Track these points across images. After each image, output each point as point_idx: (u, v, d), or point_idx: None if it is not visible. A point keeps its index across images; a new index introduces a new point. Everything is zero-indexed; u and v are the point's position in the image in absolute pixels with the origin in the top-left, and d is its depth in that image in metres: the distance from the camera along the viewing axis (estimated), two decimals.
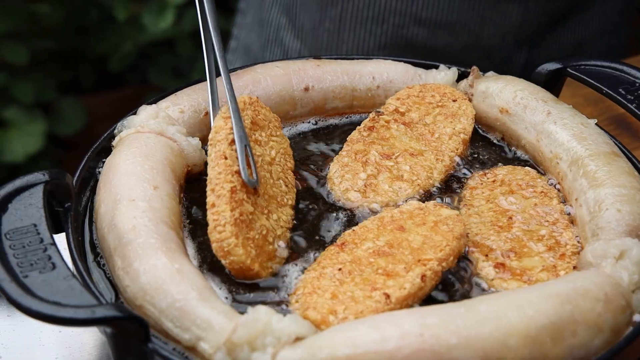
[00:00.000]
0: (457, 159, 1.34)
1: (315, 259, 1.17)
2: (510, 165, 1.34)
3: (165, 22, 3.03)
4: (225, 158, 1.14)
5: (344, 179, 1.28)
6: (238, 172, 1.14)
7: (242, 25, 2.22)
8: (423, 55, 1.76)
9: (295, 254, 1.19)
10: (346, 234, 1.20)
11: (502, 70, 1.46)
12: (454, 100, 1.40)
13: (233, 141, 1.16)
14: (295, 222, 1.23)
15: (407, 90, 1.41)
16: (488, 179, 1.30)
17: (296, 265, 1.17)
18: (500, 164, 1.35)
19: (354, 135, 1.35)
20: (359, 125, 1.37)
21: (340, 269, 1.13)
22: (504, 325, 1.01)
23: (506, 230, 1.21)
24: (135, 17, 3.31)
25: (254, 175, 1.15)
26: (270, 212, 1.19)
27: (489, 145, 1.40)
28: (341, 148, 1.34)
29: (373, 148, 1.32)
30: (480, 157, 1.37)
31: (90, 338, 1.24)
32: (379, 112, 1.38)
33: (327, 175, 1.30)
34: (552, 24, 1.91)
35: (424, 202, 1.25)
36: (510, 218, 1.22)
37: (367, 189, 1.27)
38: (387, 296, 1.09)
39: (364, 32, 1.88)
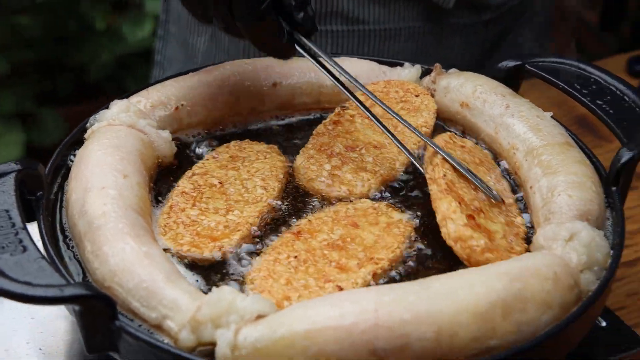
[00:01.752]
0: (419, 150, 1.38)
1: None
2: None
3: (143, 32, 3.08)
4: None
5: (309, 169, 1.32)
6: (184, 193, 1.28)
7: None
8: None
9: (257, 239, 1.24)
10: (302, 222, 1.25)
11: None
12: (417, 96, 1.45)
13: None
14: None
15: (372, 86, 1.46)
16: (456, 142, 1.34)
17: (256, 249, 1.22)
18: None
19: (320, 128, 1.40)
20: (325, 119, 1.42)
21: (296, 257, 1.18)
22: (455, 301, 1.06)
23: (474, 195, 1.25)
24: (113, 27, 3.36)
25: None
26: (231, 211, 1.26)
27: None
28: (307, 140, 1.39)
29: (338, 141, 1.36)
30: None
31: (62, 324, 1.28)
32: (344, 107, 1.43)
33: (293, 166, 1.35)
34: (490, 50, 1.98)
35: (386, 190, 1.30)
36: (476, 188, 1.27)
37: (332, 179, 1.31)
38: (340, 289, 1.14)
39: None
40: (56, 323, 1.28)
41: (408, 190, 1.34)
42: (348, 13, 1.79)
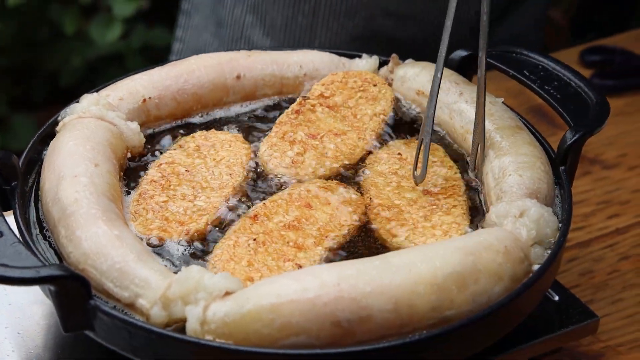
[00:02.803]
0: (374, 142, 1.45)
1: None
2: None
3: (112, 35, 3.12)
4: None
5: (272, 156, 1.38)
6: (152, 181, 1.34)
7: (187, 27, 2.26)
8: (388, 47, 1.87)
9: (223, 223, 1.30)
10: (258, 206, 1.31)
11: None
12: (375, 85, 1.52)
13: None
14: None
15: (332, 77, 1.52)
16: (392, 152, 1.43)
17: (222, 232, 1.28)
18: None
19: (282, 118, 1.46)
20: (287, 108, 1.49)
21: (255, 239, 1.24)
22: (414, 274, 1.12)
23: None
24: (83, 31, 3.40)
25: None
26: (198, 197, 1.32)
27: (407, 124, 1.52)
28: (270, 129, 1.45)
29: (300, 129, 1.43)
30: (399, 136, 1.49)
31: (39, 309, 1.32)
32: (305, 97, 1.49)
33: (257, 154, 1.41)
34: (495, 19, 2.04)
35: (345, 176, 1.37)
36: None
37: (295, 165, 1.37)
38: (299, 267, 1.20)
39: (337, 25, 1.97)
40: (33, 308, 1.33)
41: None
42: None
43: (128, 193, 1.34)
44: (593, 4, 3.01)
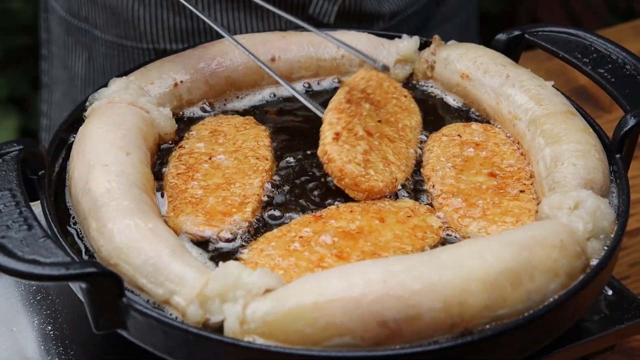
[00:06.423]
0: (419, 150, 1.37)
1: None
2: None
3: None
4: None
5: (342, 151, 1.25)
6: (179, 174, 1.28)
7: (50, 102, 2.14)
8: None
9: (267, 210, 1.24)
10: (329, 208, 1.23)
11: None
12: (405, 96, 1.43)
13: None
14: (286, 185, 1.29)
15: (368, 74, 1.42)
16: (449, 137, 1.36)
17: (268, 221, 1.23)
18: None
19: (335, 105, 1.33)
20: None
21: (301, 237, 1.17)
22: (465, 271, 1.06)
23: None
24: None
25: None
26: (232, 184, 1.26)
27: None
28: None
29: (357, 121, 1.32)
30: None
31: (71, 307, 1.27)
32: (345, 82, 1.40)
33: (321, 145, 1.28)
34: None
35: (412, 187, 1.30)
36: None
37: (366, 164, 1.26)
38: None
39: None
40: (66, 307, 1.27)
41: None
42: (229, 26, 1.77)
43: (158, 190, 1.27)
44: None
